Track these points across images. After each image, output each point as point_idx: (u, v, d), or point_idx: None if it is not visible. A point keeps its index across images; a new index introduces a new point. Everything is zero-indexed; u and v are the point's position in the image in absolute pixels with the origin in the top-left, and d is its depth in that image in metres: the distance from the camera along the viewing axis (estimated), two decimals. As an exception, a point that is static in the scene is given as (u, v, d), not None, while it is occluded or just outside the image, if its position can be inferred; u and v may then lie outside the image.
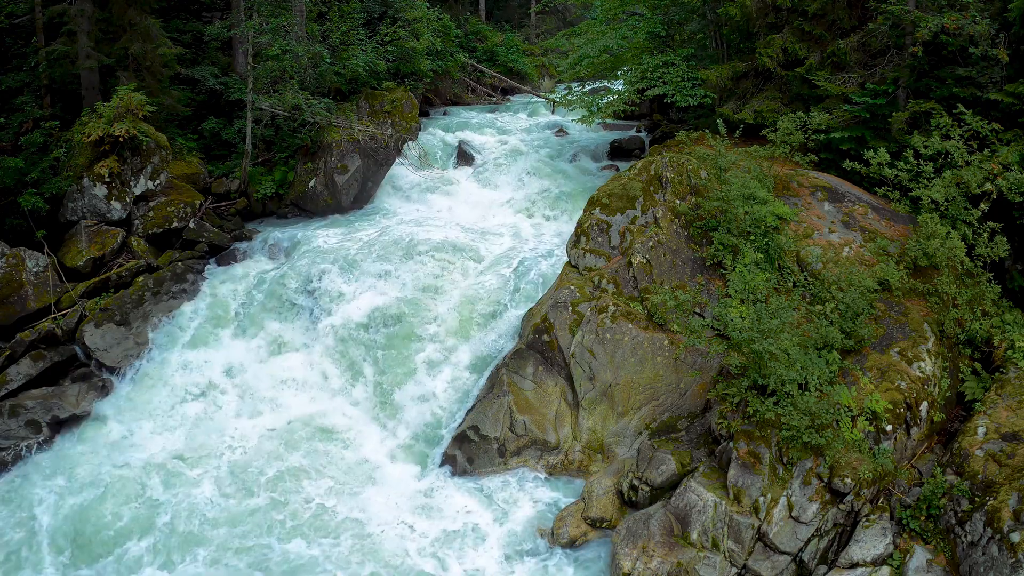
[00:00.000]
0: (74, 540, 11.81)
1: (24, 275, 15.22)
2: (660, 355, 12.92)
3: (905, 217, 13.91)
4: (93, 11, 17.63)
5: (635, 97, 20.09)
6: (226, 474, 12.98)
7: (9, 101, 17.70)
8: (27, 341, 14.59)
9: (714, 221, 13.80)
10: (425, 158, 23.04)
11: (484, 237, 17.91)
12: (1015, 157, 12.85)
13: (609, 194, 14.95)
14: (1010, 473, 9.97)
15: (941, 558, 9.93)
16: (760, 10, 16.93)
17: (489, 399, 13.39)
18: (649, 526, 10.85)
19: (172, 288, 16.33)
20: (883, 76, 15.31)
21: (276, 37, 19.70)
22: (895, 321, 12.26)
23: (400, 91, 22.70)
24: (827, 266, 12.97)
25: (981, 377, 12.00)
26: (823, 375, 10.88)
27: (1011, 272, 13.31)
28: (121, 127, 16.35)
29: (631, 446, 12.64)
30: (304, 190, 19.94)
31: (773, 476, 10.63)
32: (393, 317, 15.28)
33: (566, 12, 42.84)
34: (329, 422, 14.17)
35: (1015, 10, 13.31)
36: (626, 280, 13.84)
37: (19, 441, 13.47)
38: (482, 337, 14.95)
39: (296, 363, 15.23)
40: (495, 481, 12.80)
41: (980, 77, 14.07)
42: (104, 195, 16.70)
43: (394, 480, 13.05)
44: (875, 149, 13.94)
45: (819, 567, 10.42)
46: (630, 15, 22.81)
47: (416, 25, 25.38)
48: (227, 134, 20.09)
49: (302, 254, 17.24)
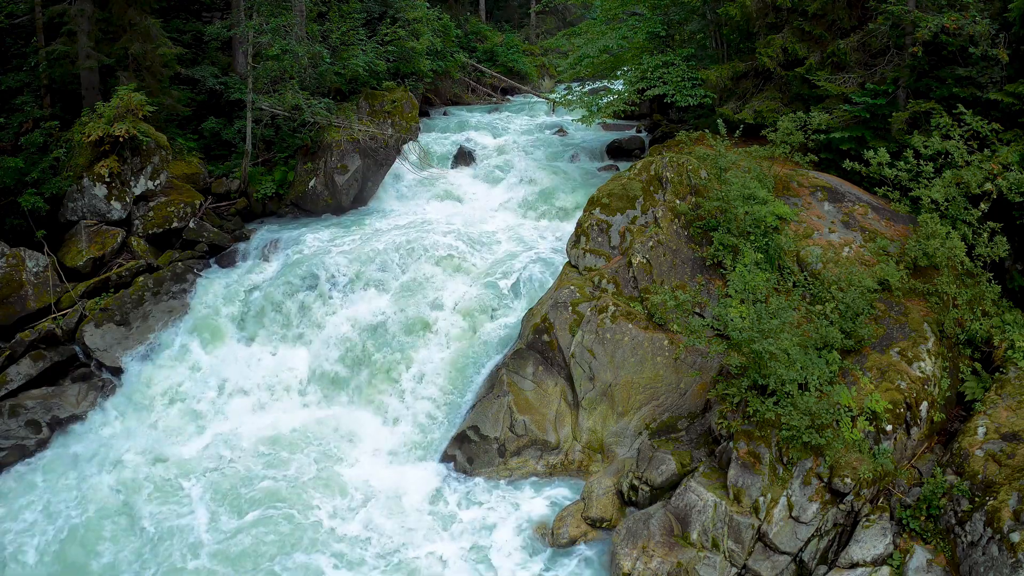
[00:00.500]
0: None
1: (24, 275, 15.22)
2: (660, 355, 12.92)
3: (905, 217, 13.91)
4: (93, 11, 17.63)
5: (635, 97, 20.10)
6: (222, 482, 12.94)
7: (9, 101, 17.70)
8: (27, 341, 14.60)
9: (714, 221, 13.80)
10: (425, 158, 23.05)
11: (484, 237, 17.91)
12: (1015, 157, 12.85)
13: (609, 194, 14.95)
14: (1010, 473, 9.97)
15: (941, 558, 9.93)
16: (760, 10, 16.93)
17: (489, 399, 13.39)
18: (649, 526, 10.85)
19: (172, 288, 16.33)
20: (883, 76, 15.31)
21: (276, 37, 19.70)
22: (895, 321, 12.26)
23: (400, 91, 22.70)
24: (827, 266, 12.97)
25: (981, 377, 11.99)
26: (823, 375, 10.87)
27: (1011, 272, 13.31)
28: (121, 127, 16.35)
29: (631, 446, 12.64)
30: (304, 190, 19.94)
31: (773, 476, 10.63)
32: (392, 318, 15.27)
33: (566, 12, 42.86)
34: (327, 425, 14.16)
35: (1015, 10, 13.30)
36: (626, 280, 13.84)
37: (19, 441, 13.48)
38: (481, 337, 14.94)
39: (294, 365, 15.23)
40: (495, 481, 12.80)
41: (980, 77, 14.07)
42: (104, 195, 16.70)
43: (393, 481, 13.04)
44: (875, 149, 13.94)
45: (819, 567, 10.42)
46: (630, 15, 22.82)
47: (416, 25, 25.39)
48: (227, 134, 20.10)
49: (301, 255, 17.22)
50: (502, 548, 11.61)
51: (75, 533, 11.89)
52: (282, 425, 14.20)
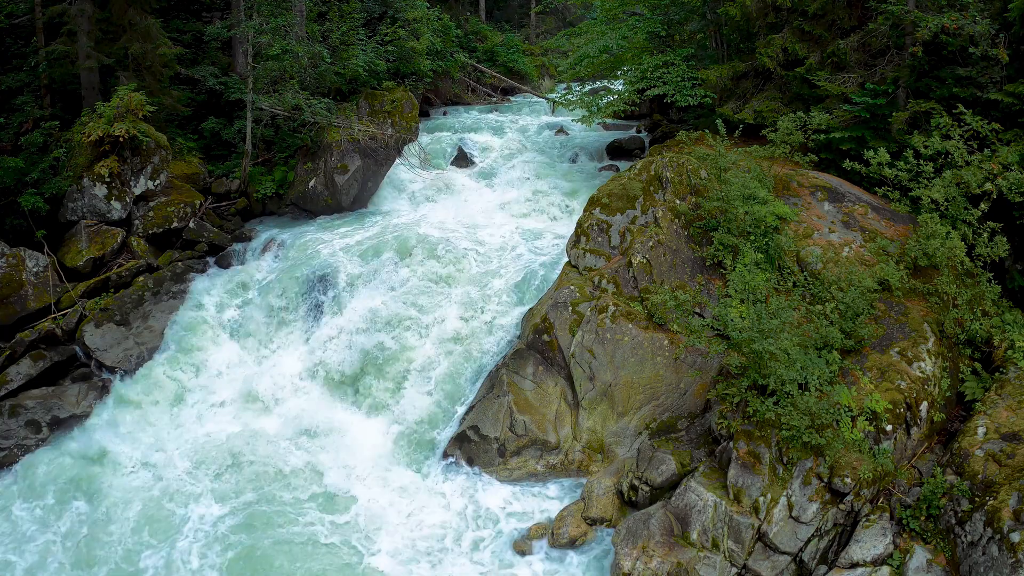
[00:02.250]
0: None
1: (24, 275, 15.22)
2: (660, 355, 12.92)
3: (905, 217, 13.91)
4: (93, 11, 17.63)
5: (635, 97, 20.10)
6: (224, 479, 12.98)
7: (9, 101, 17.70)
8: (27, 341, 14.59)
9: (714, 221, 13.80)
10: (425, 158, 23.02)
11: (484, 237, 17.91)
12: (1015, 157, 12.85)
13: (609, 194, 14.95)
14: (1010, 473, 9.96)
15: (941, 558, 9.93)
16: (760, 10, 16.93)
17: (489, 399, 13.39)
18: (649, 526, 10.85)
19: (172, 288, 16.32)
20: (883, 76, 15.30)
21: (276, 37, 19.69)
22: (895, 321, 12.26)
23: (400, 91, 22.69)
24: (827, 266, 12.97)
25: (981, 377, 11.99)
26: (823, 375, 10.88)
27: (1011, 272, 13.31)
28: (121, 127, 16.35)
29: (631, 446, 12.64)
30: (304, 190, 19.93)
31: (773, 476, 10.63)
32: (390, 320, 15.26)
33: (566, 12, 42.85)
34: (325, 426, 14.14)
35: (1015, 10, 13.30)
36: (626, 280, 13.84)
37: (19, 440, 13.48)
38: (481, 337, 14.94)
39: (293, 365, 15.22)
40: (495, 481, 12.79)
41: (980, 77, 14.07)
42: (104, 195, 16.70)
43: (392, 481, 13.04)
44: (875, 149, 13.94)
45: (819, 567, 10.42)
46: (630, 15, 22.79)
47: (416, 25, 25.38)
48: (227, 134, 20.10)
49: (300, 255, 17.21)
50: (502, 548, 11.62)
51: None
52: (280, 425, 14.19)
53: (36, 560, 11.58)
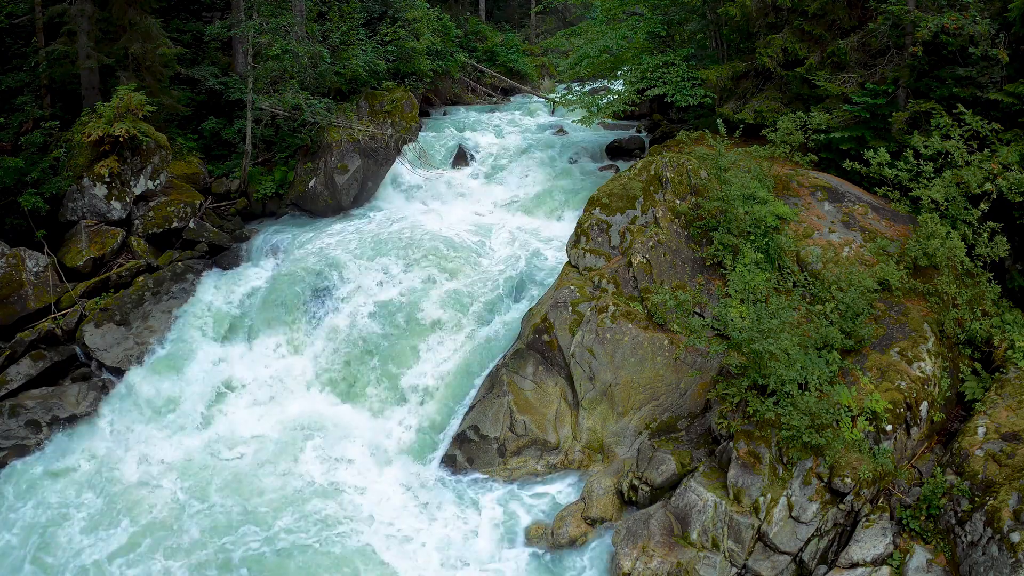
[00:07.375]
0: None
1: (24, 275, 15.22)
2: (660, 355, 12.92)
3: (905, 217, 13.91)
4: (93, 11, 17.63)
5: (635, 97, 20.09)
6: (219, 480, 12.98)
7: (9, 101, 17.70)
8: (27, 341, 14.60)
9: (714, 221, 13.80)
10: (425, 158, 23.03)
11: (483, 237, 17.92)
12: (1015, 157, 12.85)
13: (609, 194, 14.95)
14: (1010, 473, 9.96)
15: (941, 558, 9.93)
16: (760, 10, 16.93)
17: (489, 399, 13.39)
18: (649, 526, 10.85)
19: (172, 288, 16.32)
20: (883, 76, 15.30)
21: (276, 37, 19.70)
22: (895, 321, 12.26)
23: (400, 91, 22.70)
24: (827, 266, 12.97)
25: (981, 377, 11.99)
26: (823, 375, 10.88)
27: (1011, 272, 13.31)
28: (121, 127, 16.34)
29: (631, 446, 12.64)
30: (304, 190, 19.93)
31: (773, 476, 10.63)
32: (390, 320, 15.26)
33: (566, 12, 42.84)
34: (324, 426, 14.14)
35: (1015, 10, 13.30)
36: (626, 280, 13.84)
37: (19, 440, 13.48)
38: (481, 337, 14.94)
39: (293, 365, 15.22)
40: (495, 481, 12.80)
41: (980, 77, 14.07)
42: (104, 195, 16.70)
43: (392, 480, 13.04)
44: (875, 149, 13.95)
45: (819, 567, 10.42)
46: (630, 15, 22.81)
47: (416, 25, 25.38)
48: (227, 134, 20.10)
49: (300, 255, 17.22)
50: (502, 549, 11.62)
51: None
52: (279, 425, 14.19)
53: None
